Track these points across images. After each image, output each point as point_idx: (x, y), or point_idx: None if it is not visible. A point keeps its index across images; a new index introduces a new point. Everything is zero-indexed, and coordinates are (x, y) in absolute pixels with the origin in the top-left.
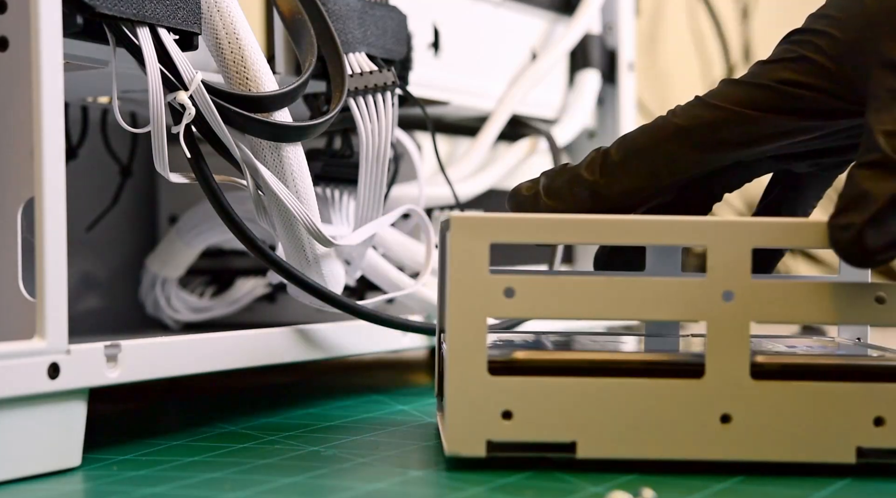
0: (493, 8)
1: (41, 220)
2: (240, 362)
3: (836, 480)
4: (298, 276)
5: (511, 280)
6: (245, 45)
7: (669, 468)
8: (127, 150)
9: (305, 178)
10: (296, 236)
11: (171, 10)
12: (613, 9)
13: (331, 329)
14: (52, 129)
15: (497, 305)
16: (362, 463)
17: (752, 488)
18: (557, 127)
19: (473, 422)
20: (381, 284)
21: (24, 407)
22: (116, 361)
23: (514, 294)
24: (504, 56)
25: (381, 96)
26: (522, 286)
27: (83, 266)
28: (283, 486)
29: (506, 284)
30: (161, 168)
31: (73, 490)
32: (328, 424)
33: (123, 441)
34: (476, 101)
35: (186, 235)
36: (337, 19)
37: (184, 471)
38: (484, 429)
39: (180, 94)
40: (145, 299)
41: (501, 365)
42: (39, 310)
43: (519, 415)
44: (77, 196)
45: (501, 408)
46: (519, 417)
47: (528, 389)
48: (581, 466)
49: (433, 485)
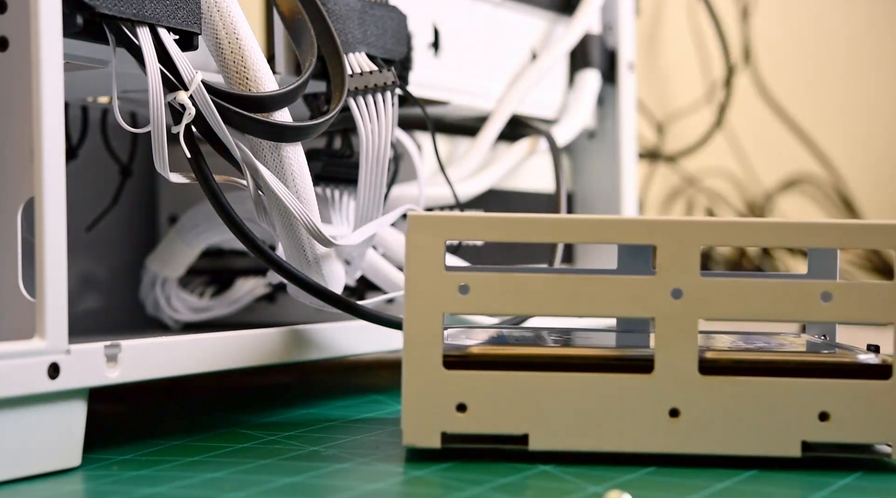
0: (493, 8)
1: (41, 220)
2: (240, 362)
3: (835, 479)
4: (299, 275)
5: (465, 277)
6: (245, 45)
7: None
8: (127, 150)
9: (305, 178)
10: (296, 236)
11: (171, 10)
12: (613, 9)
13: (331, 329)
14: (52, 129)
15: (452, 302)
16: (362, 463)
17: (753, 488)
18: (557, 127)
19: (429, 414)
20: (381, 284)
21: (24, 407)
22: (116, 361)
23: (469, 291)
24: (504, 56)
25: (381, 96)
26: (477, 283)
27: (83, 266)
28: (283, 486)
29: (461, 281)
30: (161, 168)
31: (73, 490)
32: (328, 424)
33: (123, 441)
34: (476, 101)
35: (186, 235)
36: (337, 19)
37: (184, 471)
38: (439, 421)
39: (180, 94)
40: (145, 299)
41: (456, 359)
42: (39, 310)
43: (473, 407)
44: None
45: (456, 400)
46: (473, 410)
47: (482, 383)
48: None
49: (433, 485)
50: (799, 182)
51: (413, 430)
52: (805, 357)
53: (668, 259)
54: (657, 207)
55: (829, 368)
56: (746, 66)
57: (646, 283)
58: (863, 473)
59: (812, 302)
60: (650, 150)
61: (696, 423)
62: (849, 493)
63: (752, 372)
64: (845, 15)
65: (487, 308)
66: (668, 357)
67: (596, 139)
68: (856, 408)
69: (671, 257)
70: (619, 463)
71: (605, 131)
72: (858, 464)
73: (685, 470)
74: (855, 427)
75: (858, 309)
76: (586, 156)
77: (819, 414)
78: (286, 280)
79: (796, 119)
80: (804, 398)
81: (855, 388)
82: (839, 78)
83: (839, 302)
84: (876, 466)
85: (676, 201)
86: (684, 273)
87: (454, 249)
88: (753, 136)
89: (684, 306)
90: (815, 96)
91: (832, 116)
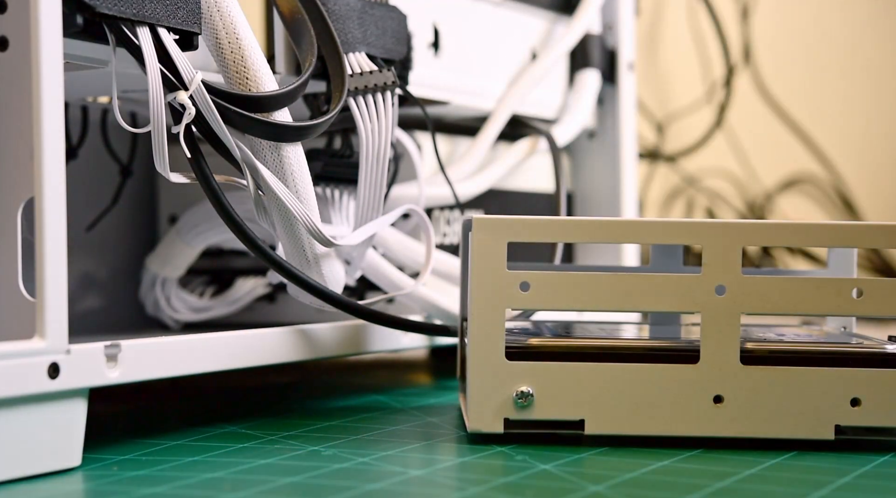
0: (493, 8)
1: (41, 220)
2: (240, 362)
3: (835, 479)
4: (299, 275)
5: (526, 275)
6: (245, 45)
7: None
8: (127, 150)
9: (305, 178)
10: (296, 236)
11: (171, 10)
12: (613, 9)
13: (331, 329)
14: (52, 129)
15: (514, 298)
16: (362, 463)
17: (753, 488)
18: (557, 127)
19: (492, 402)
20: (381, 284)
21: (24, 407)
22: (116, 361)
23: (529, 288)
24: (504, 56)
25: (381, 96)
26: (536, 281)
27: (83, 266)
28: (283, 486)
29: (522, 279)
30: (161, 168)
31: (73, 490)
32: (328, 424)
33: (123, 441)
34: (476, 101)
35: (186, 235)
36: (337, 19)
37: (184, 471)
38: (501, 408)
39: (180, 93)
40: (145, 299)
41: (518, 350)
42: (39, 310)
43: (533, 395)
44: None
45: (517, 389)
46: (533, 398)
47: (542, 372)
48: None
49: (433, 484)
50: (799, 182)
51: (478, 417)
52: (838, 348)
53: (713, 258)
54: (657, 207)
55: (859, 357)
56: (746, 66)
57: (692, 280)
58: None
59: (845, 297)
60: (650, 150)
61: (738, 408)
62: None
63: (788, 362)
64: (845, 15)
65: (546, 303)
66: (713, 348)
67: (596, 139)
68: (885, 394)
69: (715, 256)
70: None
71: (605, 131)
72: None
73: (731, 452)
74: (885, 412)
75: (886, 304)
76: (586, 156)
77: (851, 400)
78: (286, 280)
79: (796, 119)
80: (837, 385)
81: (884, 376)
82: (839, 78)
83: (870, 297)
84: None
85: (676, 201)
86: (727, 271)
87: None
88: (753, 136)
89: (728, 301)
90: (815, 96)
91: (832, 116)
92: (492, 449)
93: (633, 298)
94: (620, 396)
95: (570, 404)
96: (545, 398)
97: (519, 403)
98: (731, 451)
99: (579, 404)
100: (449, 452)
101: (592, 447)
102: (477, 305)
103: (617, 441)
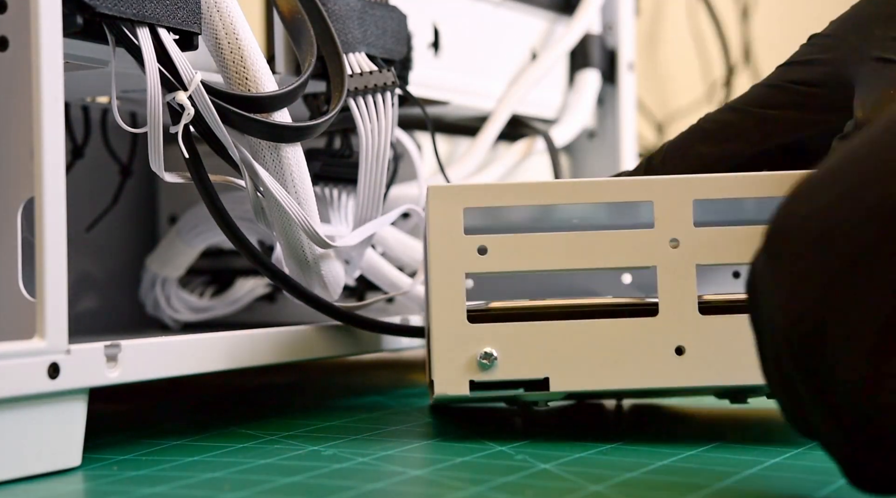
0: (493, 8)
1: (41, 220)
2: (240, 362)
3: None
4: (287, 279)
5: (483, 239)
6: (245, 45)
7: None
8: (127, 150)
9: (304, 179)
10: (294, 237)
11: (170, 10)
12: (613, 9)
13: (330, 329)
14: (52, 129)
15: (472, 262)
16: (362, 463)
17: (753, 488)
18: (557, 127)
19: (456, 366)
20: (381, 284)
21: (24, 407)
22: (116, 361)
23: (487, 251)
24: (504, 56)
25: (380, 96)
26: (494, 244)
27: (83, 266)
28: (283, 486)
29: (479, 243)
30: (156, 167)
31: (73, 490)
32: (328, 424)
33: (123, 441)
34: (476, 101)
35: (186, 235)
36: (337, 19)
37: (184, 471)
38: (466, 371)
39: (179, 94)
40: (145, 299)
41: (479, 313)
42: (39, 310)
43: (497, 357)
44: (77, 196)
45: (481, 351)
46: (497, 359)
47: (504, 334)
48: None
49: (433, 485)
50: None
51: (443, 381)
52: None
53: (665, 212)
54: None
55: None
56: (746, 66)
57: (646, 235)
58: None
59: None
60: (650, 150)
61: (699, 358)
62: None
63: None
64: None
65: (504, 265)
66: (671, 300)
67: (596, 139)
68: None
69: (667, 211)
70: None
71: (605, 131)
72: None
73: (731, 452)
74: None
75: None
76: (586, 156)
77: None
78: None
79: None
80: None
81: None
82: None
83: None
84: None
85: None
86: (679, 225)
87: None
88: None
89: (681, 254)
90: None
91: None
92: (492, 449)
93: (589, 255)
94: (583, 352)
95: (533, 364)
96: (509, 359)
97: (483, 364)
98: (731, 450)
99: (543, 363)
100: (449, 452)
101: (592, 447)
102: (436, 272)
103: (616, 439)
